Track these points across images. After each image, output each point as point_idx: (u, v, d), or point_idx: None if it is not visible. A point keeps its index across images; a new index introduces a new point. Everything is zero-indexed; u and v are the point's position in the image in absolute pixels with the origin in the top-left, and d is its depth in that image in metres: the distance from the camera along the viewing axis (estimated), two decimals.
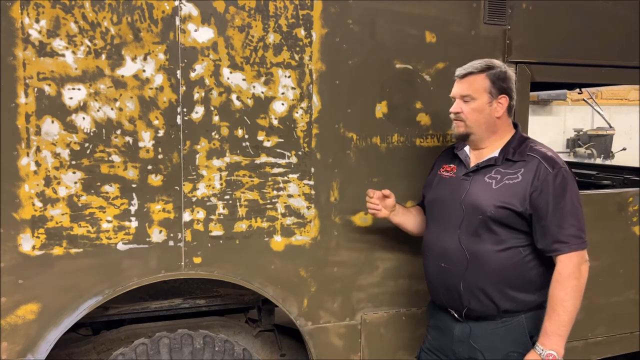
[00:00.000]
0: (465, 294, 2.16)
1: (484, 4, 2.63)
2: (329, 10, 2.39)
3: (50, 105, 2.08)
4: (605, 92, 16.42)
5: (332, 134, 2.45)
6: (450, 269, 2.19)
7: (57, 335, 2.16)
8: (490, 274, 2.12)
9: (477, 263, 2.13)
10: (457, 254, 2.17)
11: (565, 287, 2.04)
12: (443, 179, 2.32)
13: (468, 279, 2.15)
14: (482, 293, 2.14)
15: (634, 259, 3.03)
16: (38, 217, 2.10)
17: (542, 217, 2.07)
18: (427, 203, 2.37)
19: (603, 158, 15.00)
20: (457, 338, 2.24)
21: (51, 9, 2.05)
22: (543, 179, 2.08)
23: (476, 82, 2.16)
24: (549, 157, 2.13)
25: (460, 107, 2.19)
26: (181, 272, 2.30)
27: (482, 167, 2.20)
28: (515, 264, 2.12)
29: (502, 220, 2.10)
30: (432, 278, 2.30)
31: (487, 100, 2.16)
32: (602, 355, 3.06)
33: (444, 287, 2.23)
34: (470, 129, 2.19)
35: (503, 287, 2.12)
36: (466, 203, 2.17)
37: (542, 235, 2.08)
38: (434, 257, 2.26)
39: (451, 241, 2.19)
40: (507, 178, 2.13)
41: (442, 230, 2.25)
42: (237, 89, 2.30)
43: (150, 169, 2.22)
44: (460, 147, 2.31)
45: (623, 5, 2.91)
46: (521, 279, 2.13)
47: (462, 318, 2.22)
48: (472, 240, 2.15)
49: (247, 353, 2.36)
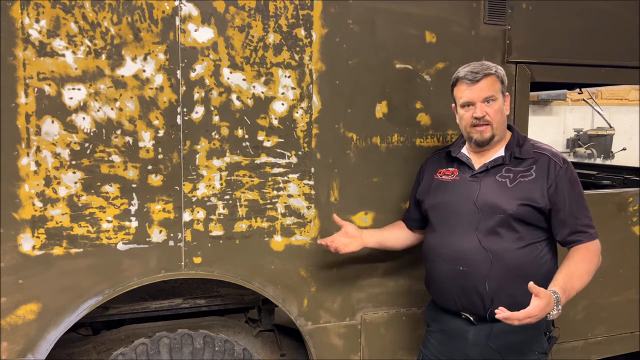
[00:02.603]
0: (490, 294, 2.13)
1: (484, 4, 2.63)
2: (329, 10, 2.39)
3: (50, 105, 2.08)
4: (605, 92, 16.40)
5: (332, 134, 2.45)
6: (471, 272, 2.15)
7: (57, 335, 2.16)
8: (512, 272, 2.12)
9: (499, 262, 2.12)
10: (478, 255, 2.14)
11: (590, 264, 2.11)
12: (444, 183, 2.29)
13: (493, 279, 2.12)
14: (506, 292, 2.12)
15: (634, 259, 3.03)
16: (38, 217, 2.10)
17: (559, 210, 2.13)
18: (428, 208, 2.33)
19: (603, 158, 14.99)
20: (471, 342, 2.21)
21: (51, 9, 2.05)
22: (556, 174, 2.14)
23: (493, 83, 2.16)
24: (556, 153, 2.21)
25: (484, 111, 2.15)
26: (181, 272, 2.30)
27: (491, 167, 2.20)
28: (533, 260, 2.15)
29: (524, 217, 2.13)
30: (443, 282, 2.25)
31: (501, 99, 2.20)
32: (602, 355, 3.06)
33: (461, 291, 2.19)
34: (496, 131, 2.18)
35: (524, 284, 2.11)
36: (481, 203, 2.16)
37: (561, 228, 2.15)
38: (447, 261, 2.21)
39: (469, 243, 2.16)
40: (521, 176, 2.16)
41: (453, 233, 2.21)
42: (237, 89, 2.30)
43: (150, 169, 2.22)
44: (457, 150, 2.30)
45: (623, 5, 2.90)
46: (537, 275, 2.12)
47: (480, 321, 2.19)
48: (493, 240, 2.13)
49: (247, 353, 2.36)
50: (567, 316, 2.83)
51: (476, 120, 2.16)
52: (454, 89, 2.22)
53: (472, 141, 2.22)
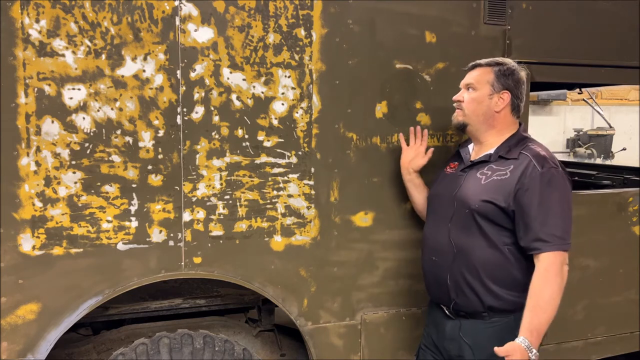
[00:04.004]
0: (451, 287, 2.20)
1: (484, 4, 2.63)
2: (329, 10, 2.39)
3: (50, 105, 2.08)
4: (605, 92, 16.39)
5: (332, 134, 2.45)
6: (439, 262, 2.24)
7: (57, 335, 2.16)
8: (474, 268, 2.15)
9: (462, 256, 2.17)
10: (446, 247, 2.22)
11: (553, 286, 2.01)
12: (446, 175, 2.38)
13: (453, 271, 2.19)
14: (467, 286, 2.16)
15: (634, 259, 3.02)
16: (38, 217, 2.10)
17: (525, 214, 2.06)
18: (428, 198, 2.43)
19: (603, 158, 14.98)
20: (448, 335, 2.27)
21: (51, 9, 2.05)
22: (530, 176, 2.08)
23: (481, 73, 2.24)
24: (541, 156, 2.13)
25: (462, 96, 2.27)
26: (181, 272, 2.30)
27: (476, 162, 2.25)
28: (500, 261, 2.13)
29: (487, 214, 2.13)
30: (425, 272, 2.36)
31: (488, 92, 2.22)
32: (602, 355, 3.06)
33: (435, 281, 2.28)
34: (468, 119, 2.26)
35: (487, 282, 2.14)
36: (457, 197, 2.22)
37: (525, 232, 2.07)
38: (428, 250, 2.32)
39: (442, 235, 2.24)
40: (497, 174, 2.17)
41: (436, 224, 2.30)
42: (237, 89, 2.30)
43: (150, 169, 2.22)
44: (464, 145, 2.39)
45: (623, 5, 2.90)
46: (506, 277, 2.14)
47: (451, 314, 2.24)
48: (460, 235, 2.19)
49: (247, 353, 2.36)
50: (567, 316, 2.84)
51: (456, 104, 2.30)
52: None
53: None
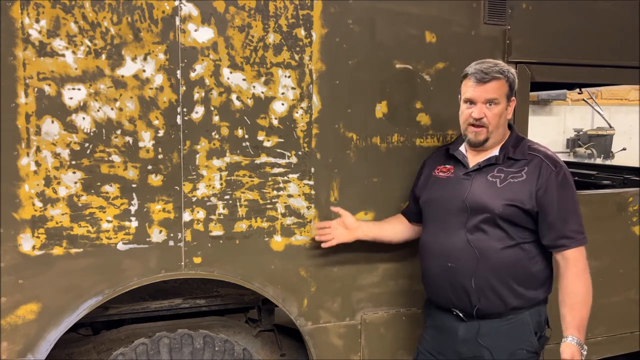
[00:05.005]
0: (475, 292, 2.16)
1: (484, 4, 2.63)
2: (329, 10, 2.39)
3: (50, 105, 2.08)
4: (605, 92, 16.39)
5: (332, 134, 2.45)
6: (459, 269, 2.18)
7: (57, 335, 2.16)
8: (498, 271, 2.15)
9: (486, 260, 2.14)
10: (466, 253, 2.17)
11: (586, 281, 2.15)
12: (440, 179, 2.33)
13: (479, 276, 2.15)
14: (492, 290, 2.15)
15: (634, 259, 3.03)
16: (38, 217, 2.10)
17: (547, 214, 2.13)
18: (422, 204, 2.37)
19: (603, 158, 14.98)
20: (461, 338, 2.24)
21: (51, 9, 2.05)
22: (547, 177, 2.14)
23: (500, 87, 2.16)
24: (550, 155, 2.20)
25: (483, 112, 2.16)
26: (181, 272, 2.30)
27: (483, 166, 2.22)
28: (520, 260, 2.16)
29: (510, 217, 2.14)
30: (434, 278, 2.29)
31: (505, 103, 2.19)
32: (602, 355, 3.06)
33: (451, 287, 2.22)
34: (491, 135, 2.20)
35: (511, 284, 2.15)
36: (470, 202, 2.18)
37: (548, 231, 2.15)
38: (437, 257, 2.25)
39: (457, 240, 2.19)
40: (512, 176, 2.16)
41: (444, 230, 2.25)
42: (237, 89, 2.30)
43: (150, 169, 2.22)
44: (455, 148, 2.33)
45: (623, 5, 2.90)
46: (526, 275, 2.17)
47: (469, 317, 2.22)
48: (481, 239, 2.16)
49: (247, 353, 2.36)
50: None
51: (473, 120, 2.18)
52: (462, 83, 2.23)
53: (467, 139, 2.25)
